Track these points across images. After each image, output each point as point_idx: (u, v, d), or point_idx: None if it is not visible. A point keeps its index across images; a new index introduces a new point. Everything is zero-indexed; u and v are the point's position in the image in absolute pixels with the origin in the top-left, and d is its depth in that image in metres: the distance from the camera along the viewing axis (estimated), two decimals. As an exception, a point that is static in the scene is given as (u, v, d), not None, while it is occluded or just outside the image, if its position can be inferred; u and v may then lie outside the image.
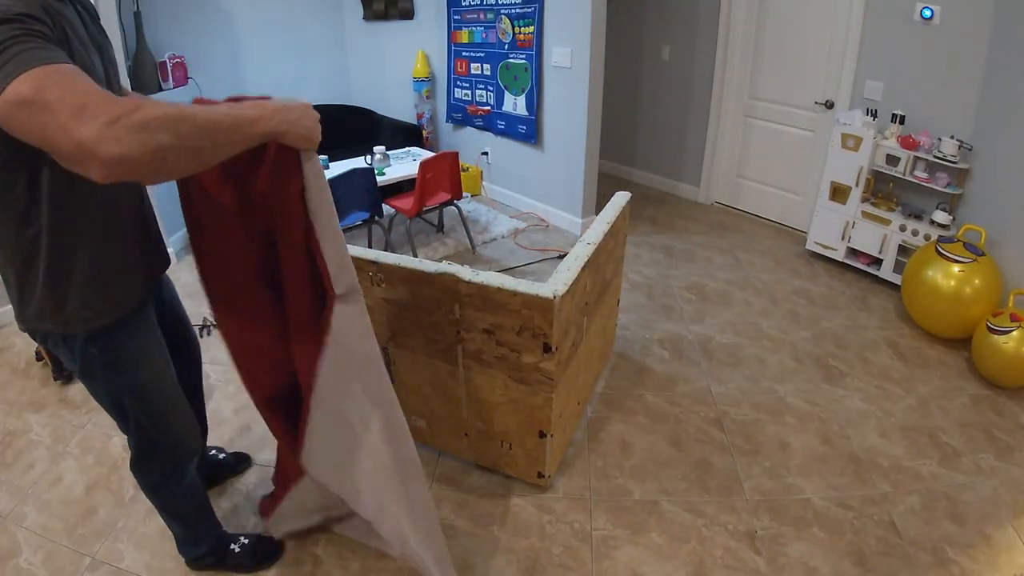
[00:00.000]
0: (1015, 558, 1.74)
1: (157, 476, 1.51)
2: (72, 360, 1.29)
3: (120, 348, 1.29)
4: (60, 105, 0.81)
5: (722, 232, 4.07)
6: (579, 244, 1.96)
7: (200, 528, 1.67)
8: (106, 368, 1.29)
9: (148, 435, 1.43)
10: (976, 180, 2.96)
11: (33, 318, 1.20)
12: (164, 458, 1.48)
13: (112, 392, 1.35)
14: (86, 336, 1.23)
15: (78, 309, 1.19)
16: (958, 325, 2.70)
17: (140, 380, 1.35)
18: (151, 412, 1.40)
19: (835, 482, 2.02)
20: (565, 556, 1.75)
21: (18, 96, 0.81)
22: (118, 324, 1.26)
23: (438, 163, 3.46)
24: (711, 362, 2.66)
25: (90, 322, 1.21)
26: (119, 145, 0.80)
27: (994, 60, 2.83)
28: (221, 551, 1.70)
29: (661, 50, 4.48)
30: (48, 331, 1.23)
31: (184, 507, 1.61)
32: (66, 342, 1.25)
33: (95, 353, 1.26)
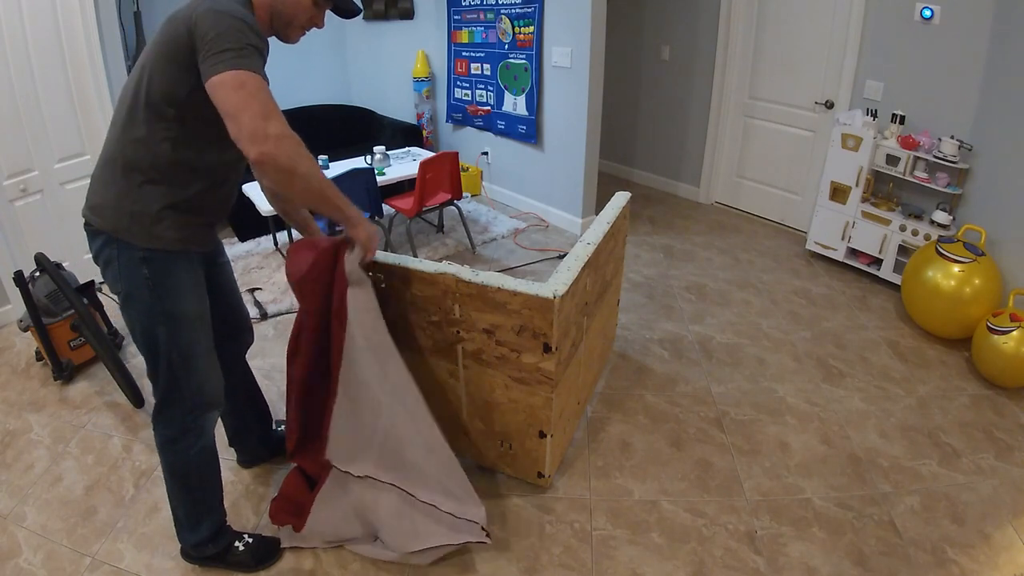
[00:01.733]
0: (1015, 558, 1.74)
1: (177, 426, 1.54)
2: (119, 280, 1.42)
3: (170, 276, 1.42)
4: (260, 103, 1.22)
5: (722, 232, 4.07)
6: (579, 244, 1.96)
7: (204, 505, 1.65)
8: (152, 292, 1.41)
9: (175, 374, 1.48)
10: (976, 180, 2.96)
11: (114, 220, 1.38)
12: (187, 405, 1.52)
13: (151, 318, 1.43)
14: (143, 255, 1.38)
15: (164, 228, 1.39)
16: (958, 325, 2.70)
17: (179, 311, 1.45)
18: (182, 348, 1.47)
19: (835, 482, 2.02)
20: (565, 556, 1.75)
21: (237, 79, 1.21)
22: (178, 255, 1.43)
23: (438, 163, 3.46)
24: (711, 362, 2.66)
25: (164, 242, 1.39)
26: (279, 150, 1.23)
27: (994, 60, 2.83)
28: (223, 542, 1.69)
29: (661, 50, 4.48)
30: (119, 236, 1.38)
31: (195, 470, 1.60)
32: (122, 257, 1.39)
33: (147, 274, 1.40)
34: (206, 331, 1.54)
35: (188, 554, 1.71)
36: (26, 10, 2.72)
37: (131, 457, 2.13)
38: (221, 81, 1.21)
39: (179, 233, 1.42)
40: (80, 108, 3.00)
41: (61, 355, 2.49)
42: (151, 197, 1.37)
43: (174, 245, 1.42)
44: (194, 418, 1.55)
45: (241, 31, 1.24)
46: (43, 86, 2.85)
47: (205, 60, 1.23)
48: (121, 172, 1.37)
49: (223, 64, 1.21)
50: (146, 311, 1.43)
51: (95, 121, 3.05)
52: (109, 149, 1.40)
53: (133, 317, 1.46)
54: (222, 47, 1.21)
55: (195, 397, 1.53)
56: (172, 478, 1.61)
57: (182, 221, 1.42)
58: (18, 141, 2.83)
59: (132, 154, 1.35)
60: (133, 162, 1.36)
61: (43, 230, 2.99)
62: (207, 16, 1.24)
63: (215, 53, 1.21)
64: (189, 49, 1.25)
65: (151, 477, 2.04)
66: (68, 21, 2.85)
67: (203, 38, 1.23)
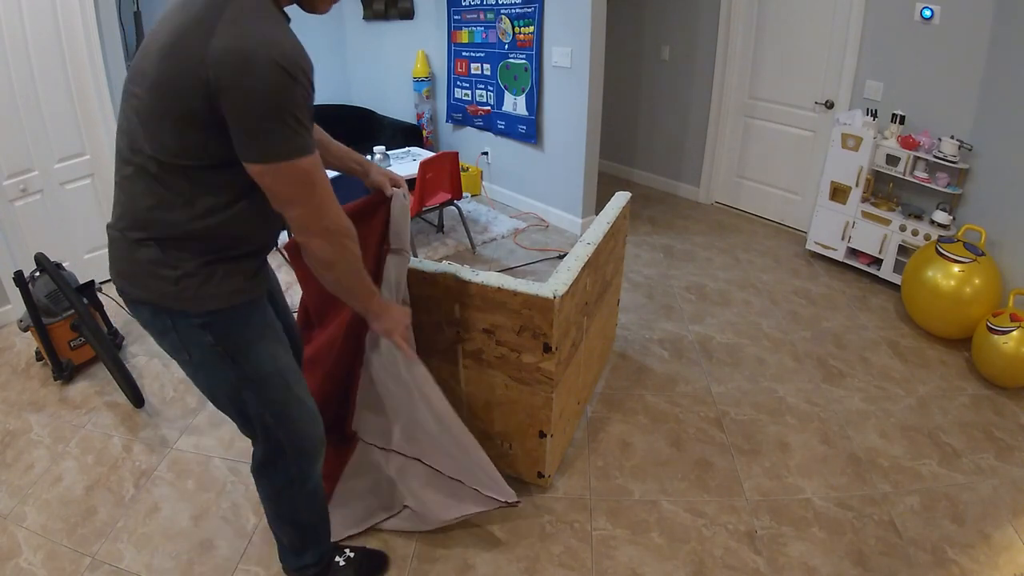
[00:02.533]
0: (1015, 558, 1.74)
1: (282, 480, 1.44)
2: (181, 350, 1.25)
3: (240, 334, 1.25)
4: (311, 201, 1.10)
5: (722, 232, 4.07)
6: (579, 244, 1.96)
7: (311, 535, 1.57)
8: (224, 358, 1.25)
9: (273, 434, 1.36)
10: (976, 180, 2.96)
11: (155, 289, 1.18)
12: (291, 459, 1.40)
13: (232, 386, 1.29)
14: (202, 321, 1.20)
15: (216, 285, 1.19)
16: (958, 325, 2.70)
17: (262, 371, 1.29)
18: (275, 407, 1.33)
19: (835, 482, 2.02)
20: (565, 556, 1.75)
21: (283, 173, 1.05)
22: (240, 307, 1.24)
23: (438, 163, 3.46)
24: (711, 362, 2.66)
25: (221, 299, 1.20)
26: (324, 247, 1.16)
27: (994, 60, 2.83)
28: (325, 562, 1.62)
29: (661, 50, 4.48)
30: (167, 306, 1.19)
31: (304, 514, 1.52)
32: (178, 327, 1.21)
33: (211, 341, 1.22)
34: (294, 376, 1.37)
35: (288, 572, 1.65)
36: (26, 10, 2.72)
37: (131, 457, 2.13)
38: (262, 172, 1.04)
39: (233, 285, 1.22)
40: (80, 108, 3.00)
41: (61, 355, 2.49)
42: (190, 257, 1.16)
43: (232, 299, 1.22)
44: (299, 471, 1.43)
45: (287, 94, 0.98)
46: (43, 86, 2.85)
47: (237, 136, 1.01)
48: (146, 235, 1.15)
49: (262, 153, 1.01)
50: (223, 380, 1.28)
51: (95, 121, 3.05)
52: (124, 208, 1.16)
53: (210, 385, 1.32)
54: (265, 126, 0.98)
55: (297, 451, 1.40)
56: (277, 519, 1.53)
57: (232, 270, 1.21)
58: (18, 141, 2.83)
59: (155, 217, 1.13)
60: (158, 226, 1.14)
61: (43, 230, 2.99)
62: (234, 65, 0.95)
63: (256, 135, 0.99)
64: (209, 108, 0.99)
65: (151, 477, 2.04)
66: (68, 21, 2.85)
67: (235, 105, 0.98)
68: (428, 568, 1.71)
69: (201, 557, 1.75)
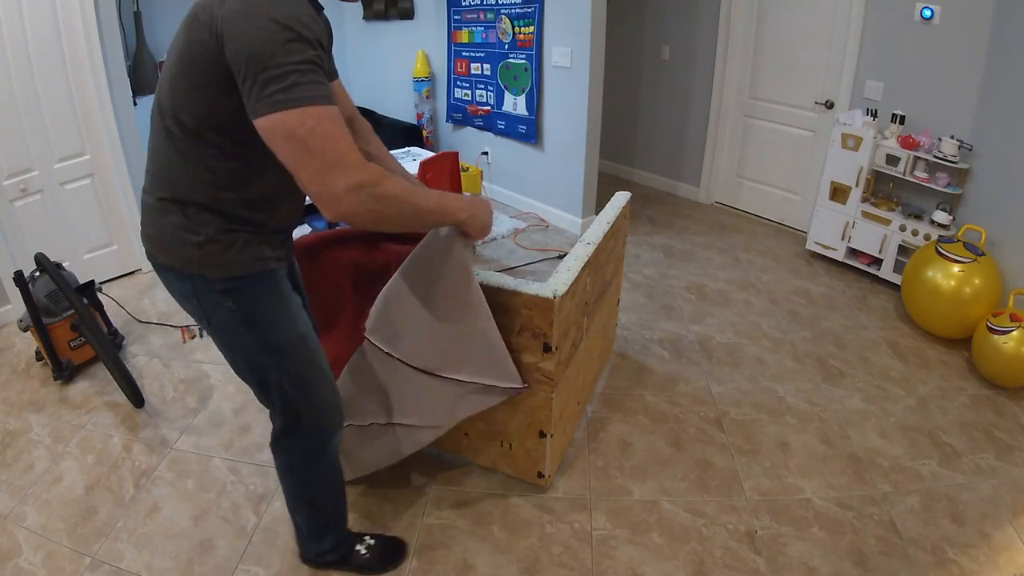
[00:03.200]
0: (1015, 558, 1.74)
1: (298, 453, 1.45)
2: (203, 315, 1.27)
3: (259, 302, 1.26)
4: (320, 154, 1.01)
5: (722, 232, 4.07)
6: (579, 244, 1.96)
7: (329, 517, 1.59)
8: (244, 324, 1.26)
9: (292, 404, 1.37)
10: (976, 180, 2.96)
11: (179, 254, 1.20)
12: (308, 431, 1.42)
13: (252, 352, 1.30)
14: (223, 287, 1.21)
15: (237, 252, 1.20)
16: (958, 325, 2.70)
17: (282, 339, 1.30)
18: (294, 376, 1.34)
19: (835, 482, 2.02)
20: (565, 556, 1.75)
21: (285, 127, 0.99)
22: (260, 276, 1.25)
23: (438, 163, 3.46)
24: (711, 362, 2.66)
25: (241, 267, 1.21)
26: (355, 207, 1.05)
27: (994, 60, 2.83)
28: (345, 549, 1.64)
29: (661, 50, 4.48)
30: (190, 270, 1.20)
31: (319, 490, 1.53)
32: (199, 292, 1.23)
33: (232, 307, 1.24)
34: (316, 349, 1.38)
35: (308, 559, 1.67)
36: (26, 10, 2.73)
37: (131, 457, 2.13)
38: (268, 128, 1.01)
39: (255, 252, 1.24)
40: (80, 108, 3.00)
41: (61, 355, 2.49)
42: (213, 223, 1.18)
43: (253, 267, 1.24)
44: (316, 443, 1.45)
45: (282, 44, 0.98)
46: (43, 86, 2.85)
47: (244, 91, 1.01)
48: (172, 201, 1.18)
49: (266, 104, 0.99)
50: (245, 346, 1.30)
51: (95, 121, 3.05)
52: (153, 174, 1.21)
53: (231, 351, 1.33)
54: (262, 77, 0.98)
55: (315, 423, 1.42)
56: (294, 498, 1.55)
57: (255, 239, 1.23)
58: (18, 141, 2.83)
59: (180, 182, 1.17)
60: (183, 190, 1.17)
61: (43, 230, 2.99)
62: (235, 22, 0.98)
63: (254, 87, 0.99)
64: (220, 68, 1.02)
65: (151, 477, 2.04)
66: (68, 21, 2.85)
67: (235, 61, 0.99)
68: (428, 568, 1.71)
69: (201, 557, 1.75)
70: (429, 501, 1.92)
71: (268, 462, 2.08)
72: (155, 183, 1.21)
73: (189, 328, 2.86)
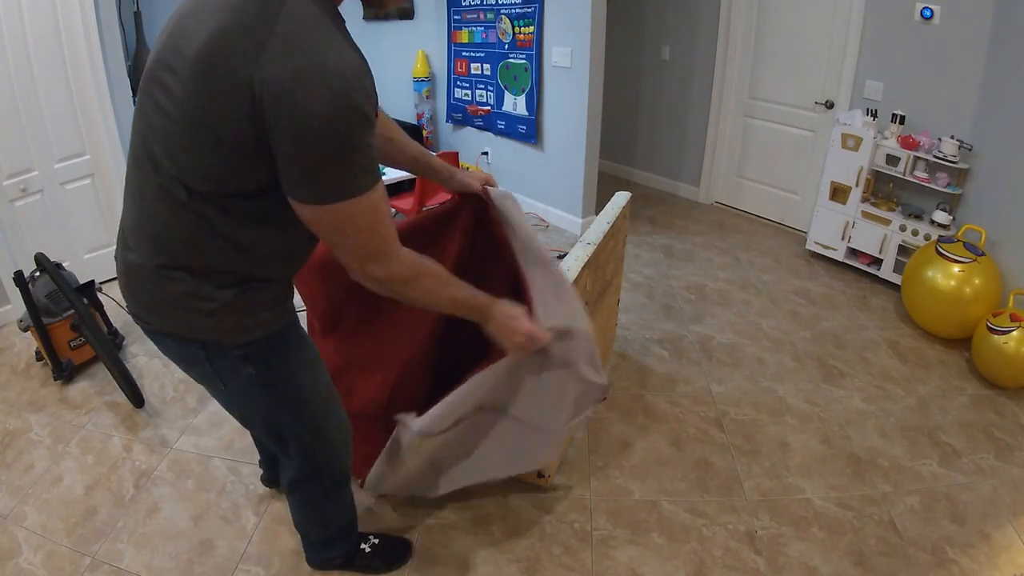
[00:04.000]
0: (1015, 558, 1.74)
1: (318, 492, 1.44)
2: (214, 381, 1.19)
3: (279, 361, 1.18)
4: (357, 245, 0.99)
5: (722, 232, 4.07)
6: (579, 244, 1.96)
7: (343, 534, 1.60)
8: (264, 388, 1.18)
9: (310, 451, 1.33)
10: (976, 180, 2.95)
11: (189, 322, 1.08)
12: (326, 472, 1.39)
13: (271, 413, 1.25)
14: (242, 353, 1.12)
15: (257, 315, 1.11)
16: (958, 325, 2.70)
17: (302, 395, 1.25)
18: (312, 426, 1.30)
19: (835, 482, 2.02)
20: (565, 556, 1.75)
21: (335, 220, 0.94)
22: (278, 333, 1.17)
23: (438, 163, 3.45)
24: (711, 362, 2.66)
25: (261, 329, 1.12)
26: (385, 291, 1.06)
27: (994, 60, 2.83)
28: (351, 551, 1.65)
29: (661, 50, 4.48)
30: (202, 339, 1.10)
31: (336, 518, 1.55)
32: (213, 361, 1.13)
33: (252, 373, 1.15)
34: (329, 392, 1.33)
35: (313, 563, 1.67)
36: (26, 10, 2.72)
37: (131, 457, 2.13)
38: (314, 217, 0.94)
39: (273, 310, 1.13)
40: (80, 108, 3.00)
41: (61, 355, 2.49)
42: (230, 290, 1.05)
43: (274, 325, 1.14)
44: (333, 482, 1.44)
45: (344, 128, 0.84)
46: (43, 86, 2.85)
47: (287, 172, 0.89)
48: (179, 269, 1.02)
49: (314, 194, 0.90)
50: (263, 408, 1.23)
51: (95, 121, 3.05)
52: (151, 238, 1.02)
53: (244, 412, 1.28)
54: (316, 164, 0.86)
55: (332, 463, 1.39)
56: (306, 522, 1.55)
57: (272, 294, 1.12)
58: (18, 141, 2.83)
59: (189, 249, 1.01)
60: (194, 258, 1.02)
61: (43, 230, 2.99)
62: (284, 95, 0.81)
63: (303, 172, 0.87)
64: (253, 135, 0.86)
65: (151, 477, 2.04)
66: (68, 21, 2.85)
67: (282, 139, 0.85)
68: (428, 568, 1.71)
69: (201, 557, 1.75)
70: (429, 501, 1.92)
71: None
72: (152, 248, 1.03)
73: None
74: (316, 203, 0.91)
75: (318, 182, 0.89)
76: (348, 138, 0.86)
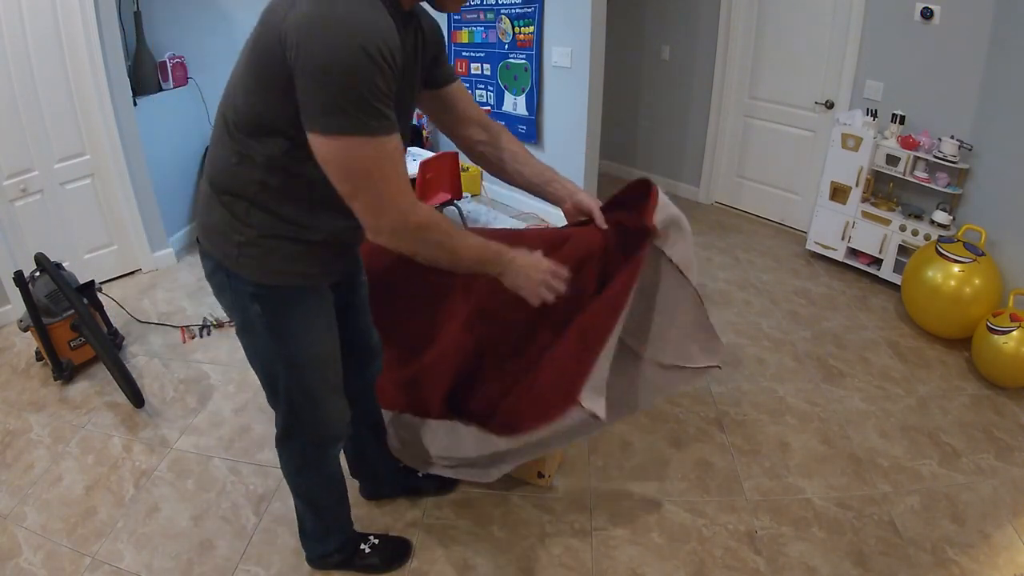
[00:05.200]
0: (1015, 558, 1.74)
1: (299, 458, 1.47)
2: (232, 309, 1.28)
3: (287, 316, 1.25)
4: (370, 191, 1.04)
5: (722, 232, 4.07)
6: (579, 244, 1.95)
7: (332, 520, 1.62)
8: (267, 331, 1.26)
9: (296, 411, 1.37)
10: (976, 180, 2.95)
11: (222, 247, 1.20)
12: (307, 438, 1.43)
13: (268, 358, 1.31)
14: (252, 291, 1.21)
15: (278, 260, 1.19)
16: (958, 325, 2.70)
17: (302, 357, 1.30)
18: (304, 389, 1.35)
19: (835, 482, 2.02)
20: (565, 556, 1.75)
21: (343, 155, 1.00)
22: (296, 291, 1.24)
23: (438, 163, 3.46)
24: (711, 362, 2.66)
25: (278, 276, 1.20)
26: (393, 243, 1.10)
27: (994, 60, 2.83)
28: (350, 550, 1.66)
29: (661, 50, 4.48)
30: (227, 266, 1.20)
31: (321, 495, 1.56)
32: (232, 287, 1.22)
33: (258, 311, 1.23)
34: (334, 369, 1.38)
35: (312, 561, 1.68)
36: (26, 10, 2.72)
37: (131, 457, 2.13)
38: (324, 150, 1.00)
39: (298, 266, 1.21)
40: (80, 108, 3.00)
41: (61, 355, 2.49)
42: (258, 226, 1.16)
43: (292, 280, 1.22)
44: (315, 451, 1.46)
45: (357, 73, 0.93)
46: (43, 86, 2.85)
47: (304, 100, 0.98)
48: (222, 196, 1.17)
49: (318, 123, 0.98)
50: (263, 350, 1.29)
51: (95, 121, 3.04)
52: (211, 163, 1.20)
53: (249, 349, 1.33)
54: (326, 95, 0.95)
55: (317, 433, 1.43)
56: (298, 498, 1.57)
57: (301, 251, 1.20)
58: (18, 141, 2.83)
59: (232, 178, 1.15)
60: (234, 186, 1.15)
61: (43, 230, 2.99)
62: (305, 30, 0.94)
63: (316, 101, 0.97)
64: (285, 73, 0.98)
65: (151, 477, 2.04)
66: (68, 21, 2.85)
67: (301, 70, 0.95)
68: (428, 568, 1.71)
69: (201, 557, 1.75)
70: (429, 501, 1.92)
71: (268, 462, 2.09)
72: (209, 176, 1.21)
73: (189, 328, 2.87)
74: (326, 133, 0.98)
75: (328, 113, 0.97)
76: (356, 76, 0.94)
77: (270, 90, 1.03)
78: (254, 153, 1.11)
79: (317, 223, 1.19)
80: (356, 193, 1.05)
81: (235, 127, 1.11)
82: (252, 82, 1.06)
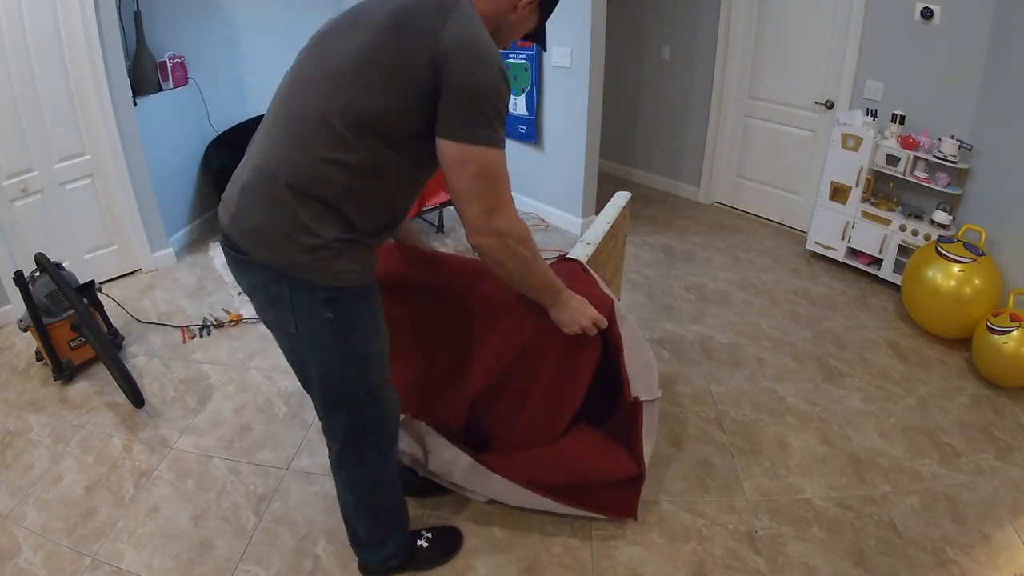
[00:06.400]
0: (1015, 558, 1.74)
1: (365, 464, 1.45)
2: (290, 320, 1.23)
3: (356, 314, 1.27)
4: (492, 195, 1.18)
5: (722, 232, 4.07)
6: (579, 244, 1.96)
7: (391, 523, 1.58)
8: (339, 335, 1.24)
9: (361, 414, 1.37)
10: (976, 180, 2.95)
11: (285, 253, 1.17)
12: (374, 437, 1.42)
13: (339, 363, 1.28)
14: (325, 296, 1.20)
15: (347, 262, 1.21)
16: (958, 325, 2.70)
17: (371, 352, 1.31)
18: (370, 386, 1.34)
19: (835, 482, 2.02)
20: (565, 556, 1.75)
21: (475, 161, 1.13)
22: (361, 289, 1.27)
23: (438, 163, 3.45)
24: (711, 362, 2.66)
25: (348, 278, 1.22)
26: (495, 248, 1.23)
27: (994, 60, 2.83)
28: (407, 549, 1.64)
29: (661, 50, 4.48)
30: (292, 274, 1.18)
31: (384, 498, 1.53)
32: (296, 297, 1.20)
33: (330, 317, 1.22)
34: (387, 364, 1.41)
35: (370, 568, 1.63)
36: (26, 10, 2.72)
37: (131, 457, 2.13)
38: (462, 156, 1.12)
39: (361, 265, 1.24)
40: (80, 108, 3.00)
41: (61, 355, 2.49)
42: (331, 228, 1.17)
43: (359, 279, 1.25)
44: (380, 453, 1.45)
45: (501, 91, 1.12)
46: (43, 86, 2.85)
47: (449, 113, 1.10)
48: (293, 196, 1.14)
49: (464, 132, 1.11)
50: (333, 355, 1.27)
51: (95, 121, 3.04)
52: (272, 164, 1.16)
53: (312, 359, 1.29)
54: (476, 110, 1.10)
55: (381, 433, 1.43)
56: (358, 510, 1.53)
57: (362, 251, 1.24)
58: (18, 141, 2.83)
59: (316, 177, 1.14)
60: (314, 187, 1.14)
61: (43, 230, 2.99)
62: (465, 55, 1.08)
63: (464, 115, 1.10)
64: (431, 86, 1.09)
65: (151, 477, 2.04)
66: (68, 21, 2.85)
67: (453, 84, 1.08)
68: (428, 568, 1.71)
69: (201, 557, 1.75)
70: (429, 501, 1.92)
71: (268, 462, 2.09)
72: (269, 173, 1.16)
73: (189, 328, 2.87)
74: (471, 141, 1.11)
75: (478, 125, 1.11)
76: (499, 94, 1.11)
77: (403, 92, 1.10)
78: (351, 153, 1.13)
79: (387, 221, 1.28)
80: (482, 195, 1.16)
81: (341, 125, 1.12)
82: (380, 80, 1.10)
